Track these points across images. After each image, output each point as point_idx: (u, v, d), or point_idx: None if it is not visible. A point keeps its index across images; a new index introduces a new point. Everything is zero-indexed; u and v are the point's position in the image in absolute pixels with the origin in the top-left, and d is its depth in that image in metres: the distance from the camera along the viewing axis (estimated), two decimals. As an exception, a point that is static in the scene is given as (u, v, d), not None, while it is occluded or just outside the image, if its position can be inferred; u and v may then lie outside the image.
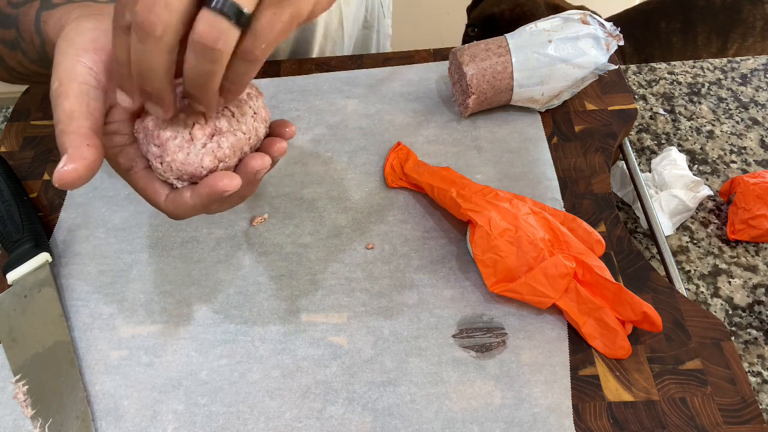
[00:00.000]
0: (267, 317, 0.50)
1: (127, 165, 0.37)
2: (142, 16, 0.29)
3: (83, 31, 0.36)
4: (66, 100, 0.34)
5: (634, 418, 0.43)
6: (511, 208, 0.49)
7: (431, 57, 0.68)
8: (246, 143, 0.37)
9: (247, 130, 0.37)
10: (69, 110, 0.33)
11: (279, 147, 0.38)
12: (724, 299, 0.59)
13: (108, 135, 0.37)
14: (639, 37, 1.00)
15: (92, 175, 0.33)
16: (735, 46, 0.97)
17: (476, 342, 0.47)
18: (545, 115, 0.62)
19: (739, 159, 0.68)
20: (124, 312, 0.51)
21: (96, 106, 0.34)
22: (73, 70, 0.34)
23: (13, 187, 0.56)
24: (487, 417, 0.44)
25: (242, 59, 0.31)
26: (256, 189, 0.38)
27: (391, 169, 0.58)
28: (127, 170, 0.38)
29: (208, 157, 0.36)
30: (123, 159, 0.37)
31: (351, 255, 0.53)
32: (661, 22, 0.99)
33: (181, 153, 0.35)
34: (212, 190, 0.35)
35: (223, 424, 0.44)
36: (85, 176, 0.33)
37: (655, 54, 0.99)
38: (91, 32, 0.36)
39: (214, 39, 0.29)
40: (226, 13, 0.28)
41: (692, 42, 0.98)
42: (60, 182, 0.32)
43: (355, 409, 0.45)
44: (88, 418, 0.45)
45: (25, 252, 0.52)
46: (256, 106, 0.38)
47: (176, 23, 0.29)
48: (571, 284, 0.47)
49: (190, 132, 0.36)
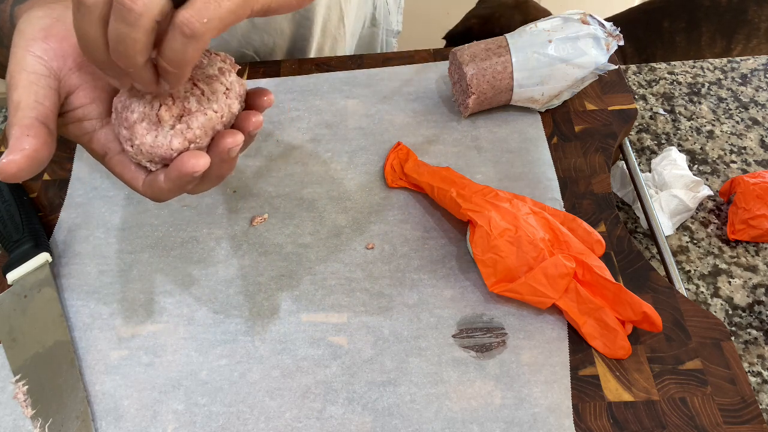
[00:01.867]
0: (267, 317, 0.50)
1: (101, 150, 0.37)
2: None
3: (33, 20, 0.35)
4: (15, 92, 0.33)
5: (634, 418, 0.43)
6: (511, 208, 0.49)
7: (431, 57, 0.68)
8: (218, 122, 0.36)
9: (219, 108, 0.36)
10: (16, 101, 0.33)
11: (255, 121, 0.36)
12: (724, 299, 0.59)
13: (75, 122, 0.36)
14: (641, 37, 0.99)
15: (37, 166, 0.32)
16: (739, 47, 0.97)
17: (476, 342, 0.47)
18: (545, 115, 0.62)
19: (739, 159, 0.68)
20: (124, 312, 0.51)
21: (45, 94, 0.34)
22: (22, 60, 0.34)
23: (13, 187, 0.56)
24: (487, 417, 0.44)
25: (180, 33, 0.29)
26: (234, 166, 0.36)
27: (391, 169, 0.58)
28: (103, 156, 0.37)
29: (177, 139, 0.34)
30: (96, 145, 0.36)
31: (351, 255, 0.53)
32: (664, 21, 0.99)
33: (149, 136, 0.34)
34: (181, 172, 0.34)
35: (223, 424, 0.44)
36: (27, 167, 0.32)
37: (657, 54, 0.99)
38: (41, 20, 0.35)
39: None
40: None
41: (696, 42, 0.98)
42: (2, 175, 0.31)
43: (355, 409, 0.45)
44: (88, 418, 0.45)
45: (25, 252, 0.52)
46: (229, 81, 0.36)
47: None
48: (571, 284, 0.47)
49: (158, 114, 0.35)
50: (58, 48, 0.35)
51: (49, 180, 0.60)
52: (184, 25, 0.28)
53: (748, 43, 0.97)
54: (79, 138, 0.36)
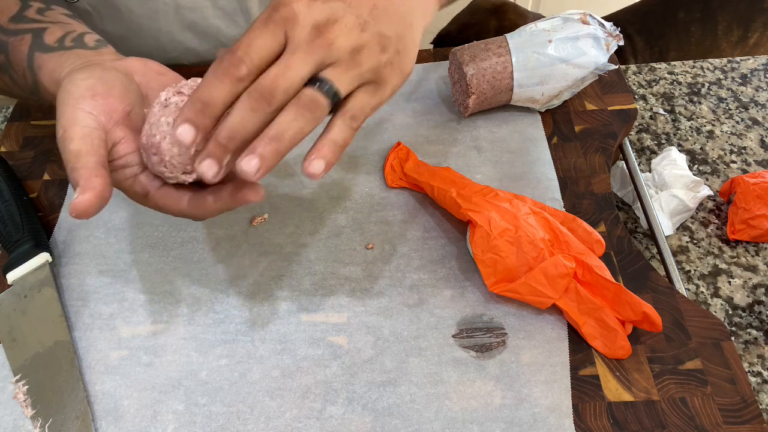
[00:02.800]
0: (267, 317, 0.50)
1: (143, 191, 0.41)
2: (266, 83, 0.35)
3: (77, 81, 0.40)
4: (72, 143, 0.37)
5: (634, 418, 0.43)
6: (511, 208, 0.49)
7: (431, 57, 0.68)
8: None
9: None
10: (76, 150, 0.37)
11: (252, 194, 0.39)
12: (724, 299, 0.59)
13: (119, 169, 0.40)
14: (653, 29, 0.99)
15: (104, 204, 0.36)
16: (756, 35, 0.97)
17: (476, 342, 0.47)
18: (545, 115, 0.62)
19: (739, 159, 0.68)
20: (124, 312, 0.51)
21: (99, 144, 0.38)
22: (74, 116, 0.38)
23: (13, 187, 0.56)
24: (487, 417, 0.44)
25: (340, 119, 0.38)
26: None
27: (391, 169, 0.58)
28: (145, 195, 0.41)
29: None
30: (138, 187, 0.41)
31: (351, 255, 0.53)
32: (679, 12, 0.98)
33: (175, 147, 0.37)
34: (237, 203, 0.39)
35: (223, 424, 0.44)
36: (97, 204, 0.36)
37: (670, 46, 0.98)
38: (85, 81, 0.40)
39: (314, 106, 0.36)
40: (325, 92, 0.36)
41: (712, 31, 0.97)
42: (75, 212, 0.35)
43: (355, 409, 0.45)
44: (88, 418, 0.45)
45: (25, 252, 0.52)
46: None
47: (289, 97, 0.35)
48: (571, 284, 0.47)
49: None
50: (104, 104, 0.39)
51: (49, 180, 0.60)
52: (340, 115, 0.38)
53: (765, 31, 0.96)
54: (122, 183, 0.41)
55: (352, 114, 0.38)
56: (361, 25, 0.37)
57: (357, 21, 0.37)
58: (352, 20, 0.37)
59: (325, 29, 0.36)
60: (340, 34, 0.36)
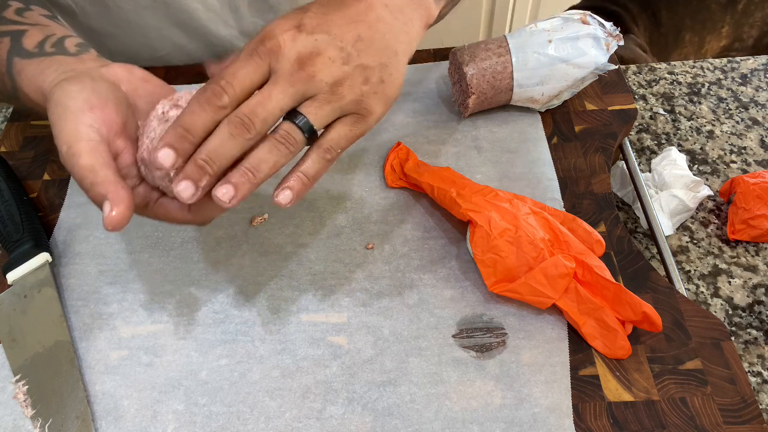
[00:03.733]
0: (267, 317, 0.50)
1: (143, 201, 0.41)
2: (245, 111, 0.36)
3: (71, 93, 0.39)
4: (80, 159, 0.37)
5: (634, 418, 0.43)
6: (511, 208, 0.49)
7: (431, 57, 0.68)
8: None
9: None
10: (89, 165, 0.37)
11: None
12: (724, 299, 0.59)
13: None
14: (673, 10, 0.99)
15: (132, 214, 0.37)
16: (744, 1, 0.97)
17: (476, 342, 0.47)
18: (545, 115, 0.62)
19: (739, 159, 0.68)
20: (124, 312, 0.51)
21: (108, 157, 0.38)
22: (76, 131, 0.38)
23: (13, 187, 0.56)
24: (487, 417, 0.44)
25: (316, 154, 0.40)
26: None
27: (391, 169, 0.58)
28: (145, 206, 0.41)
29: None
30: (138, 198, 0.41)
31: (351, 255, 0.53)
32: None
33: None
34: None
35: (223, 424, 0.44)
36: (129, 216, 0.37)
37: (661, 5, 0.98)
38: (80, 93, 0.39)
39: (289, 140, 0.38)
40: (301, 127, 0.38)
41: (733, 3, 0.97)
42: (111, 226, 0.36)
43: (355, 409, 0.45)
44: (88, 418, 0.45)
45: (25, 252, 0.52)
46: None
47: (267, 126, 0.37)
48: (571, 284, 0.47)
49: None
50: (103, 117, 0.39)
51: (49, 180, 0.60)
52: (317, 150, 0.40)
53: None
54: None
55: (326, 147, 0.39)
56: (344, 58, 0.38)
57: (340, 54, 0.38)
58: (335, 53, 0.38)
59: (308, 62, 0.37)
60: (323, 68, 0.37)
